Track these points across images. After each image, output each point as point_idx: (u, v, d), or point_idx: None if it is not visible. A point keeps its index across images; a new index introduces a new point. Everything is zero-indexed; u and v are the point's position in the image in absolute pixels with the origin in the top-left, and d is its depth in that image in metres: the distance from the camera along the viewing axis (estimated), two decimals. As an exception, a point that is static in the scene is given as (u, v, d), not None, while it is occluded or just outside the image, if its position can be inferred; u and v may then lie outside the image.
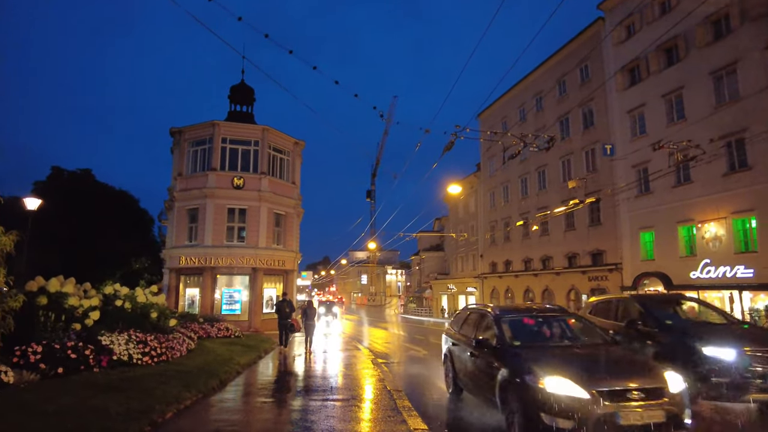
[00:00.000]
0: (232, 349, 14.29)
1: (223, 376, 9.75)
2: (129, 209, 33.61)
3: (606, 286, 31.28)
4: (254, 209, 26.10)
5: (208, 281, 25.11)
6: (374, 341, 22.31)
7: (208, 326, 16.69)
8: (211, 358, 11.84)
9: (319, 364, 13.37)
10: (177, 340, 11.72)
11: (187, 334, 13.32)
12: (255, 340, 17.52)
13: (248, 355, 13.46)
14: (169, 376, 8.78)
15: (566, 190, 34.91)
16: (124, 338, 9.58)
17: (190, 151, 27.09)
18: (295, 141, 28.80)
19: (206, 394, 8.30)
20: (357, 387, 9.37)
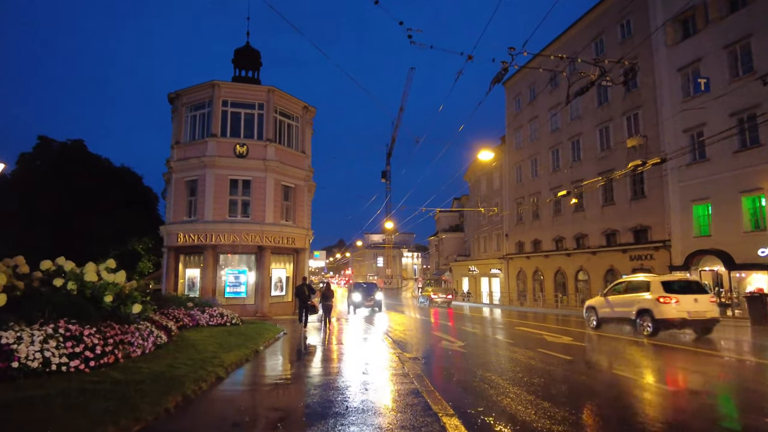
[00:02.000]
0: (223, 341, 11.13)
1: (191, 387, 6.51)
2: (131, 186, 30.66)
3: (651, 266, 27.54)
4: (259, 180, 22.86)
5: (210, 261, 22.05)
6: (399, 330, 19.06)
7: (198, 312, 13.56)
8: (186, 357, 8.65)
9: (334, 362, 10.12)
10: (139, 333, 8.55)
11: (162, 324, 10.15)
12: (256, 329, 14.37)
13: (241, 349, 10.27)
14: (92, 394, 5.57)
15: (604, 161, 31.03)
16: (43, 333, 6.39)
17: (189, 117, 23.86)
18: (304, 105, 25.36)
19: (147, 425, 5.07)
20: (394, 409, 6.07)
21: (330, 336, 15.36)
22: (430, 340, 14.66)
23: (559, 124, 35.65)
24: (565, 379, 8.32)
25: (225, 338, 11.64)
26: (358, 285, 29.29)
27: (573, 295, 33.36)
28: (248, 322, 16.37)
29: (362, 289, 27.83)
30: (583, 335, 15.34)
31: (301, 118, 25.30)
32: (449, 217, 61.03)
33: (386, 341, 13.54)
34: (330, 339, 14.28)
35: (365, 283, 31.53)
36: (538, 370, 9.07)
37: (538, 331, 16.89)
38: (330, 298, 17.09)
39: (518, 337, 14.96)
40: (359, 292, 27.39)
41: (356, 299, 26.90)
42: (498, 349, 12.35)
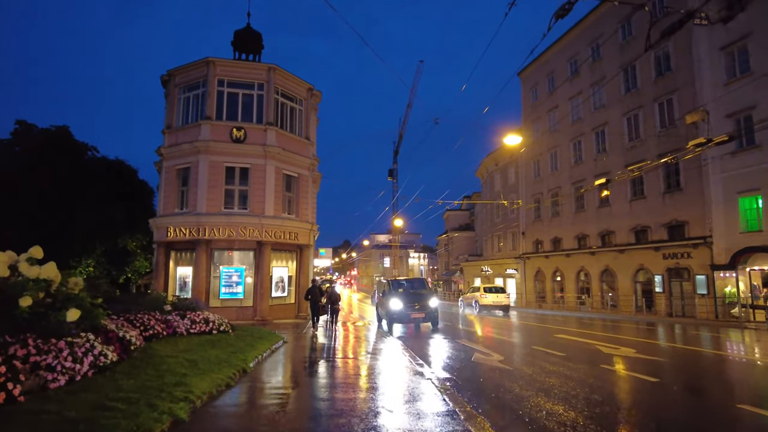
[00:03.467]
0: (201, 356, 8.43)
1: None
2: (125, 179, 28.04)
3: (688, 265, 24.65)
4: (259, 168, 20.19)
5: (203, 257, 19.38)
6: (428, 349, 16.28)
7: (176, 318, 10.84)
8: (137, 384, 5.95)
9: (347, 390, 7.39)
10: (70, 352, 5.86)
11: (117, 335, 7.47)
12: (250, 337, 11.66)
13: (223, 369, 7.58)
14: None
15: (633, 152, 28.17)
16: None
17: (182, 99, 21.24)
18: (309, 87, 22.68)
19: None
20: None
21: (335, 342, 12.67)
22: (459, 350, 11.89)
23: (581, 113, 32.83)
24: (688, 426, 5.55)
25: (205, 352, 8.93)
26: (397, 284, 18.73)
27: (598, 296, 30.48)
28: (242, 329, 13.65)
29: (405, 291, 17.81)
30: (649, 346, 12.53)
31: (306, 101, 22.63)
32: (459, 216, 58.21)
33: (407, 354, 10.78)
34: (336, 348, 11.56)
35: (408, 279, 20.53)
36: (629, 402, 6.32)
37: (584, 339, 14.08)
38: (336, 301, 17.42)
39: (566, 348, 12.17)
40: (400, 296, 17.07)
41: (395, 307, 16.48)
42: (549, 364, 9.59)
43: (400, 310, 16.66)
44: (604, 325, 20.41)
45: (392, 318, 16.79)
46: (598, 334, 15.67)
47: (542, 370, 9.11)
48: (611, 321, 22.90)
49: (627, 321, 23.04)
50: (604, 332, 16.50)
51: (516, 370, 9.20)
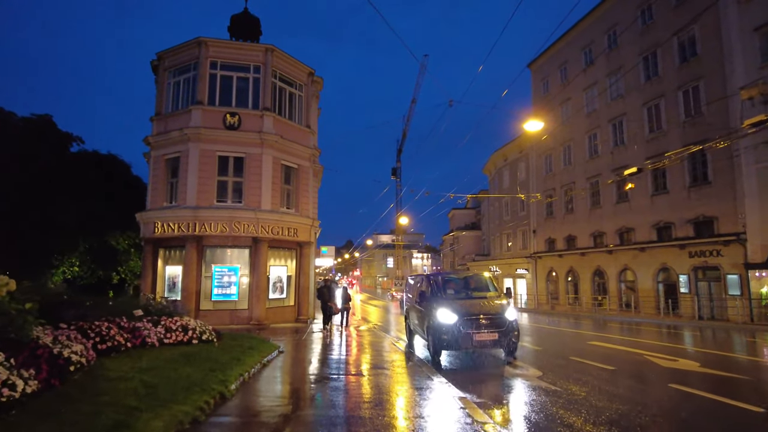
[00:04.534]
0: (166, 377, 6.46)
1: None
2: (117, 174, 26.09)
3: (718, 264, 22.57)
4: (254, 158, 18.23)
5: (193, 255, 17.42)
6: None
7: (147, 325, 8.85)
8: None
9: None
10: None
11: (51, 352, 5.50)
12: (236, 348, 9.66)
13: (190, 396, 5.62)
14: None
15: (655, 143, 26.12)
16: None
17: (172, 83, 19.31)
18: (309, 71, 20.71)
19: None
20: None
21: (345, 351, 10.69)
22: (490, 366, 9.87)
23: (596, 105, 30.80)
24: None
25: (175, 370, 6.95)
26: (445, 281, 11.66)
27: (615, 297, 28.42)
28: (231, 336, 11.67)
29: (460, 294, 10.98)
30: (710, 357, 10.48)
31: (306, 87, 20.67)
32: (465, 214, 56.19)
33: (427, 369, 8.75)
34: (347, 360, 9.59)
35: (462, 275, 13.25)
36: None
37: (625, 347, 12.05)
38: (347, 301, 17.77)
39: (610, 359, 10.13)
40: (452, 303, 10.15)
41: (446, 321, 9.66)
42: (602, 382, 7.59)
43: (455, 326, 9.38)
44: (632, 329, 18.36)
45: (440, 341, 9.48)
46: (638, 341, 13.62)
47: (597, 391, 7.11)
48: (636, 324, 20.85)
49: (652, 324, 20.99)
50: (643, 338, 14.45)
51: (563, 391, 7.21)
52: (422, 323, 11.06)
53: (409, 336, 13.33)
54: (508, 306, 10.20)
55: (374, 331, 16.76)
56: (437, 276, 12.02)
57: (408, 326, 13.51)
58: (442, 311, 9.73)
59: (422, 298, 11.21)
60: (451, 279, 11.94)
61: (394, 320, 24.44)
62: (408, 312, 13.57)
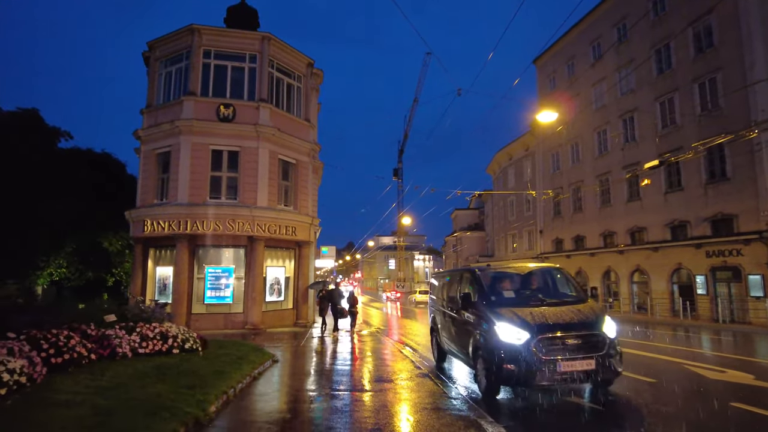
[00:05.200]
0: (123, 399, 5.22)
1: None
2: (111, 173, 24.88)
3: (739, 264, 21.28)
4: (250, 152, 17.02)
5: (184, 255, 16.19)
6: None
7: (120, 332, 7.62)
8: None
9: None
10: None
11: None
12: (223, 358, 8.43)
13: (152, 427, 4.40)
14: None
15: (668, 139, 24.89)
16: None
17: (163, 74, 18.15)
18: (308, 61, 19.53)
19: None
20: None
21: (352, 362, 9.43)
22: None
23: (605, 100, 29.59)
24: None
25: (141, 388, 5.72)
26: (498, 278, 8.08)
27: (627, 299, 27.14)
28: (221, 344, 10.45)
29: (528, 302, 7.26)
30: (758, 367, 9.22)
31: (305, 78, 19.48)
32: (468, 215, 54.96)
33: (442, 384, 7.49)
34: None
35: (522, 270, 8.44)
36: None
37: (658, 355, 10.78)
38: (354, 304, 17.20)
39: (648, 369, 8.80)
40: (517, 316, 6.64)
41: (512, 339, 6.41)
42: (649, 399, 6.30)
43: (525, 350, 6.28)
44: (652, 333, 17.08)
45: (501, 372, 6.37)
46: (667, 347, 12.35)
47: (648, 412, 5.82)
48: (653, 327, 19.57)
49: (669, 327, 19.72)
50: (670, 344, 13.18)
51: (606, 410, 5.96)
52: (464, 341, 7.57)
53: (438, 354, 9.93)
54: (603, 315, 6.77)
55: (377, 336, 15.51)
56: (485, 271, 8.15)
57: (436, 341, 10.07)
58: (503, 326, 6.37)
59: (465, 305, 7.51)
60: (506, 275, 8.09)
61: (396, 323, 23.21)
62: (436, 323, 9.91)
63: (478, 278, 7.76)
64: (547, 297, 7.47)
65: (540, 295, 7.55)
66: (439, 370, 9.19)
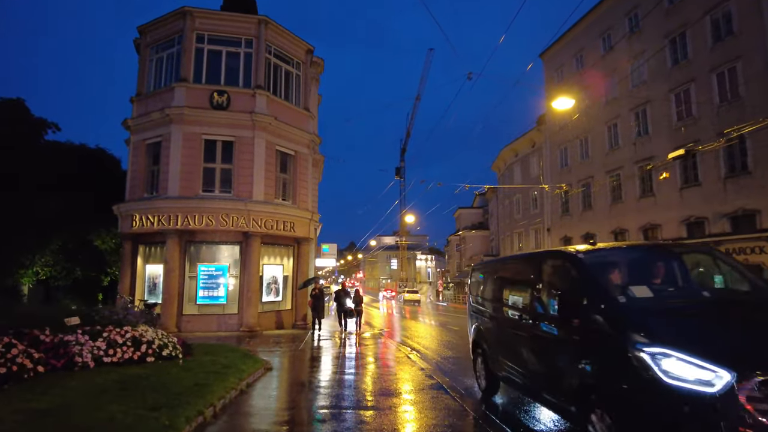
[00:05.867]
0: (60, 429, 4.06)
1: None
2: (106, 169, 23.69)
3: (761, 262, 20.02)
4: (245, 142, 15.82)
5: (175, 252, 15.00)
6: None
7: (82, 338, 6.42)
8: None
9: None
10: None
11: None
12: (207, 367, 7.23)
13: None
14: None
15: (683, 132, 23.65)
16: None
17: (154, 60, 16.97)
18: (308, 48, 18.33)
19: None
20: None
21: (358, 375, 8.21)
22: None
23: (616, 93, 28.32)
24: None
25: (92, 411, 4.51)
26: (637, 262, 5.02)
27: (640, 300, 25.83)
28: (208, 349, 9.25)
29: (686, 294, 4.65)
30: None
31: (304, 66, 18.28)
32: (472, 214, 53.73)
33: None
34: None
35: (676, 251, 5.50)
36: None
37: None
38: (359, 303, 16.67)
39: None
40: (702, 330, 3.61)
41: (694, 383, 3.15)
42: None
43: (724, 404, 3.05)
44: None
45: None
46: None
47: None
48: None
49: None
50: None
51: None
52: (554, 372, 4.76)
53: (487, 381, 6.85)
54: None
55: (381, 339, 14.30)
56: (597, 254, 5.05)
57: (482, 363, 7.01)
58: (671, 356, 3.32)
59: (568, 312, 4.43)
60: (637, 259, 5.09)
61: (398, 324, 22.02)
62: (484, 336, 6.98)
63: (586, 268, 4.60)
64: (711, 294, 4.55)
65: (704, 292, 4.62)
66: (487, 406, 6.35)
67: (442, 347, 12.97)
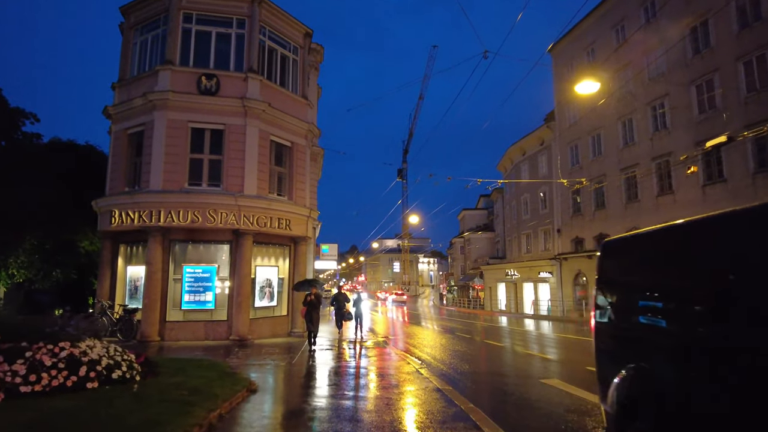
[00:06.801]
0: None
1: None
2: (93, 165, 22.08)
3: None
4: (236, 130, 14.23)
5: (157, 252, 13.38)
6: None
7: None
8: None
9: None
10: None
11: None
12: (164, 397, 5.60)
13: None
14: None
15: (706, 125, 21.98)
16: None
17: (138, 42, 15.42)
18: (306, 31, 16.75)
19: None
20: None
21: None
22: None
23: (631, 87, 26.74)
24: None
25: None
26: None
27: (659, 304, 24.12)
28: (183, 364, 7.62)
29: None
30: None
31: (302, 50, 16.71)
32: (476, 215, 52.12)
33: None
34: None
35: None
36: None
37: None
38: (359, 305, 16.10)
39: None
40: None
41: None
42: None
43: None
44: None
45: None
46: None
47: None
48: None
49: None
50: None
51: None
52: None
53: None
54: None
55: (384, 349, 12.65)
56: None
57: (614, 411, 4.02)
58: None
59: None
60: None
61: (400, 330, 20.33)
62: (653, 384, 3.65)
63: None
64: None
65: None
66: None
67: (454, 359, 11.32)
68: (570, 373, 9.19)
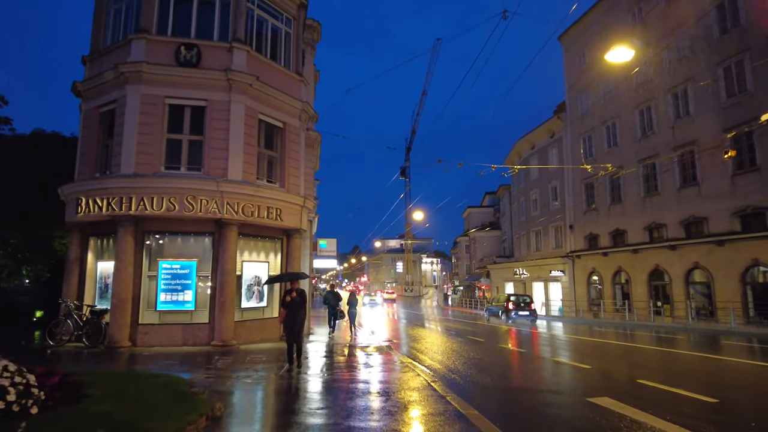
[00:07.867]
0: None
1: None
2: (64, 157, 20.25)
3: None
4: (219, 107, 12.40)
5: (128, 244, 11.54)
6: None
7: None
8: None
9: None
10: None
11: None
12: (80, 427, 3.78)
13: None
14: None
15: (735, 110, 20.07)
16: None
17: (112, 11, 13.61)
18: (300, 2, 14.87)
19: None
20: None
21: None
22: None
23: (649, 74, 24.85)
24: None
25: None
26: None
27: (682, 303, 22.22)
28: (126, 381, 5.79)
29: None
30: None
31: (296, 22, 14.88)
32: (482, 213, 50.21)
33: None
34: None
35: None
36: None
37: None
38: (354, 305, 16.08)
39: None
40: None
41: None
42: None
43: None
44: (752, 348, 12.21)
45: None
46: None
47: None
48: (725, 336, 14.66)
49: (743, 337, 14.79)
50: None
51: None
52: None
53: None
54: None
55: (387, 354, 10.76)
56: None
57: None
58: None
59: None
60: None
61: (406, 333, 18.45)
62: None
63: None
64: None
65: None
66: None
67: (471, 368, 9.43)
68: (619, 388, 7.31)
